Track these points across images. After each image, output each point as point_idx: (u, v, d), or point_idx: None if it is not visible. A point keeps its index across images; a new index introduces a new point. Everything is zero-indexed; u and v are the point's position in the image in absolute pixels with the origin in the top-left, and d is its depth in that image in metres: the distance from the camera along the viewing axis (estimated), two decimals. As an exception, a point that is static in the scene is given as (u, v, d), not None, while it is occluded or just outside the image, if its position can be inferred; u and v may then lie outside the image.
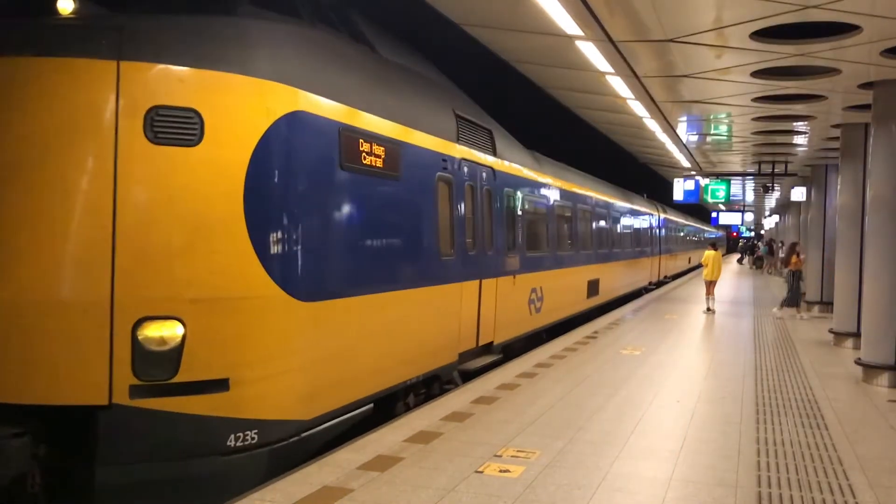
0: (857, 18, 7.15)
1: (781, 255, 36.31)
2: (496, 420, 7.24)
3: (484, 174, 10.12)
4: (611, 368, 10.15)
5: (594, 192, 18.32)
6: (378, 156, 7.11)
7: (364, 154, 6.88)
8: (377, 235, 7.25)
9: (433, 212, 8.35)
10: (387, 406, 7.67)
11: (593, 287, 17.41)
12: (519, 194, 11.83)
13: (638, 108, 12.61)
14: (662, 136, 16.08)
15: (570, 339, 13.00)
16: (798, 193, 23.47)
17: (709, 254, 18.89)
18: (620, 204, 21.82)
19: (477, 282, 9.68)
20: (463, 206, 9.25)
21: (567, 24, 7.53)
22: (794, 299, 18.04)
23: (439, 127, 8.69)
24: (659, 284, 29.05)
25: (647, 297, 23.22)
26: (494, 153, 10.66)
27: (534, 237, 12.96)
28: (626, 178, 27.48)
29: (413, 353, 7.99)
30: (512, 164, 11.55)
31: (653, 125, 14.53)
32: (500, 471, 5.69)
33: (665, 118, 13.48)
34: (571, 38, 8.14)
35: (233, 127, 5.68)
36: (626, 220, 22.58)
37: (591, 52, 8.72)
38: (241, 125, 5.72)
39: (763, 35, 7.75)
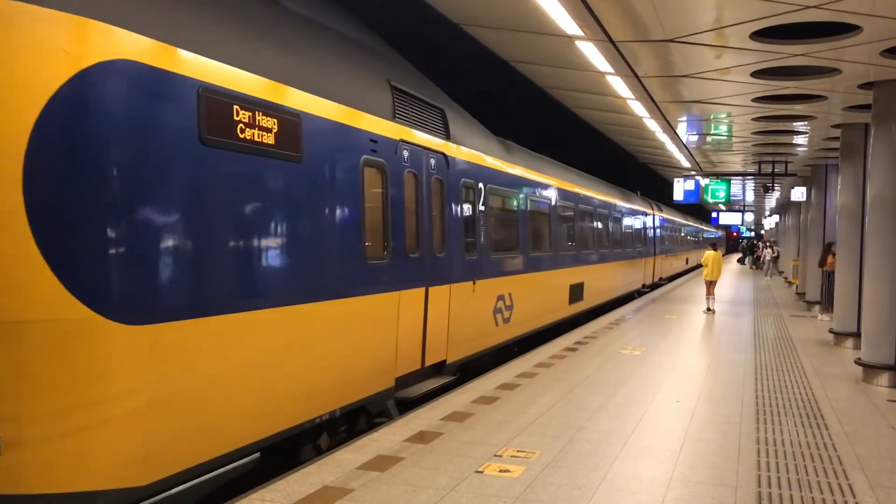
0: (857, 18, 7.15)
1: (768, 257, 36.42)
2: (496, 420, 7.24)
3: (433, 161, 8.53)
4: (611, 368, 10.15)
5: (578, 188, 16.76)
6: (267, 129, 5.55)
7: (242, 126, 5.31)
8: (261, 234, 5.61)
9: (355, 205, 6.72)
10: (289, 450, 6.40)
11: (576, 292, 15.89)
12: (481, 187, 10.17)
13: (638, 108, 12.61)
14: (662, 136, 16.09)
15: (570, 340, 13.00)
16: (798, 193, 23.47)
17: (709, 254, 18.89)
18: (609, 201, 20.27)
19: (422, 290, 8.13)
20: (402, 198, 7.68)
21: (567, 24, 7.54)
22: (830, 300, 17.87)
23: (366, 99, 7.09)
24: (653, 287, 27.77)
25: (646, 297, 23.17)
26: (448, 136, 9.07)
27: (501, 237, 11.42)
28: (627, 178, 27.42)
29: (324, 384, 6.34)
30: (472, 150, 9.96)
31: (653, 125, 14.53)
32: (500, 471, 5.69)
33: (665, 118, 13.48)
34: (571, 38, 8.15)
35: (8, 79, 4.07)
36: (615, 219, 20.99)
37: (591, 52, 8.72)
38: (22, 77, 4.09)
39: (763, 35, 7.75)
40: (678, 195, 21.95)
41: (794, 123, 13.63)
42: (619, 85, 10.65)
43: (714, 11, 7.21)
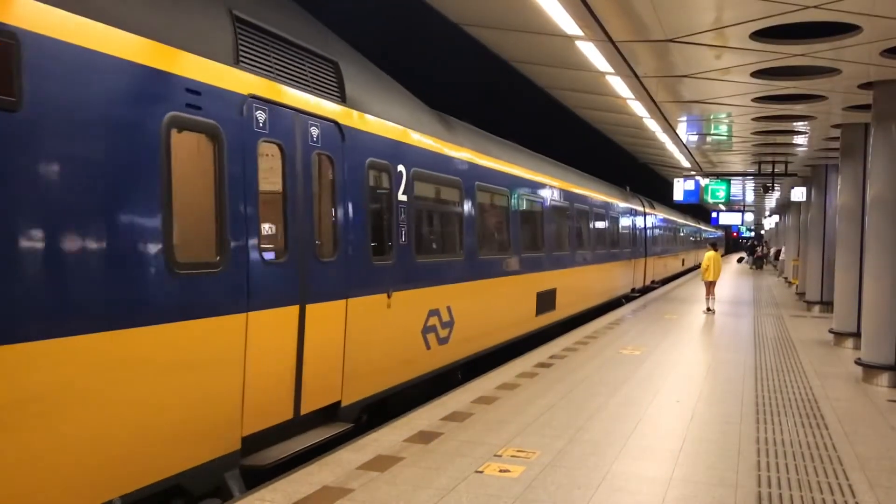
0: (857, 18, 7.15)
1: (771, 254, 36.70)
2: (496, 420, 7.24)
3: (316, 131, 6.43)
4: (611, 368, 10.14)
5: (550, 179, 14.59)
6: None
7: None
8: None
9: (150, 184, 4.66)
10: None
11: (546, 300, 13.66)
12: (402, 170, 8.02)
13: (638, 108, 12.61)
14: (662, 136, 16.09)
15: (570, 339, 13.00)
16: (798, 193, 23.48)
17: (709, 254, 18.89)
18: (591, 196, 18.14)
19: (293, 309, 6.03)
20: (253, 179, 5.58)
21: (567, 24, 7.54)
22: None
23: (178, 29, 5.03)
24: (645, 291, 25.50)
25: (646, 297, 23.12)
26: (343, 99, 6.93)
27: (436, 236, 9.52)
28: (627, 178, 27.28)
29: (92, 461, 4.32)
30: (387, 122, 7.82)
31: (653, 125, 14.53)
32: (500, 471, 5.69)
33: (665, 118, 13.48)
34: (571, 38, 8.15)
35: None
36: (598, 216, 18.82)
37: (591, 52, 8.72)
38: None
39: (763, 35, 7.75)
40: (678, 195, 21.95)
41: (794, 123, 13.63)
42: (619, 85, 10.65)
43: (714, 11, 7.21)
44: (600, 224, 19.19)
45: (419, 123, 8.82)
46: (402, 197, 8.09)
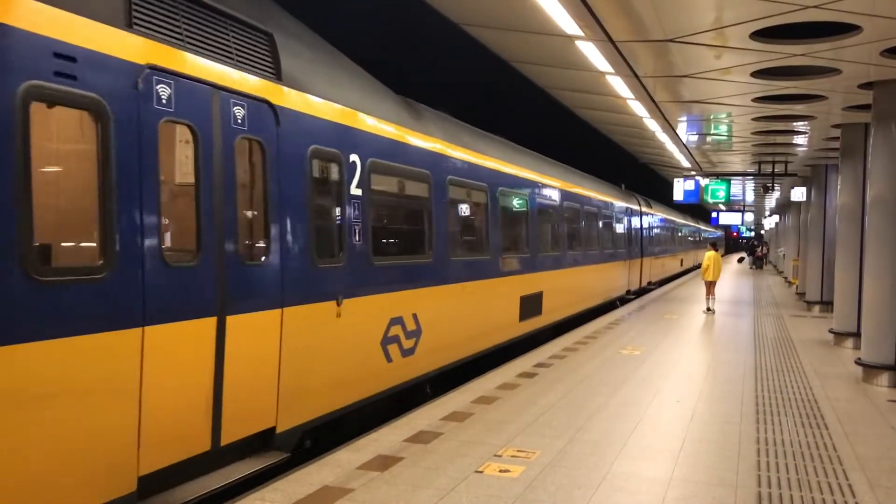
0: (857, 18, 7.15)
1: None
2: (496, 420, 7.24)
3: (240, 112, 5.49)
4: (611, 368, 10.14)
5: (535, 175, 13.48)
6: None
7: None
8: None
9: None
10: None
11: (532, 304, 12.71)
12: (356, 161, 7.04)
13: (638, 108, 12.61)
14: (662, 136, 16.09)
15: (570, 339, 13.00)
16: (798, 193, 23.50)
17: (709, 254, 18.89)
18: (582, 194, 17.09)
19: (208, 321, 5.12)
20: (153, 166, 4.72)
21: (567, 24, 7.54)
22: None
23: None
24: (641, 293, 24.65)
25: (646, 297, 23.12)
26: (278, 76, 5.99)
27: (398, 236, 8.67)
28: (627, 178, 27.21)
29: None
30: (336, 105, 6.81)
31: (653, 125, 14.53)
32: (500, 471, 5.69)
33: (665, 118, 13.48)
34: (571, 38, 8.15)
35: None
36: (589, 215, 17.80)
37: (591, 52, 8.72)
38: None
39: (763, 35, 7.75)
40: (678, 195, 21.96)
41: (794, 123, 13.64)
42: (619, 85, 10.66)
43: (714, 11, 7.21)
44: (592, 223, 18.20)
45: (379, 108, 7.78)
46: (355, 191, 7.07)
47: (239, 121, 5.51)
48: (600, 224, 19.08)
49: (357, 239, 7.12)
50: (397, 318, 7.91)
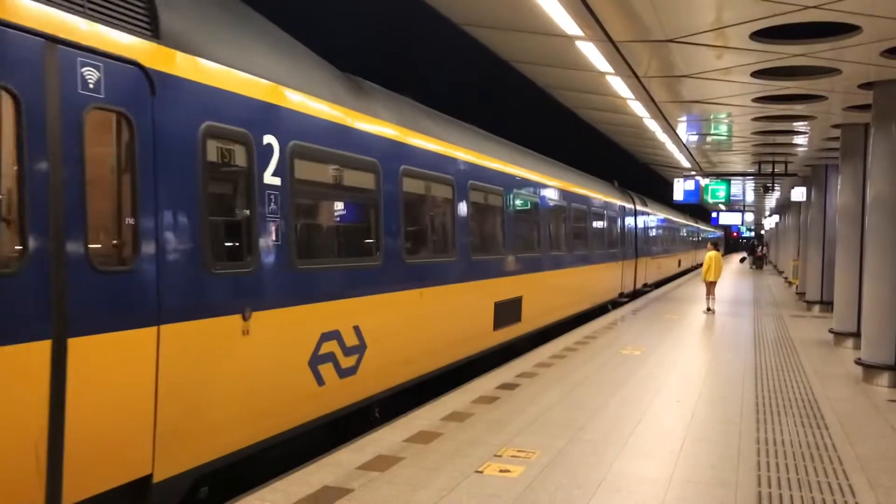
0: (857, 18, 7.16)
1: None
2: (496, 420, 7.24)
3: (93, 75, 4.37)
4: (611, 368, 10.15)
5: (515, 168, 12.27)
6: None
7: None
8: None
9: None
10: None
11: (509, 310, 11.52)
12: (273, 144, 5.83)
13: (638, 108, 12.62)
14: (662, 136, 16.10)
15: (570, 339, 13.00)
16: (798, 193, 23.50)
17: (710, 254, 18.89)
18: (567, 190, 15.69)
19: (39, 345, 4.03)
20: None
21: (567, 24, 7.54)
22: None
23: None
24: (634, 295, 23.38)
25: (646, 297, 23.10)
26: (155, 34, 4.84)
27: (333, 235, 7.51)
28: (627, 178, 27.20)
29: None
30: (242, 74, 5.58)
31: (653, 125, 14.54)
32: (500, 471, 5.69)
33: (665, 118, 13.48)
34: (571, 38, 8.15)
35: None
36: (579, 213, 16.62)
37: (591, 53, 8.73)
38: None
39: (763, 35, 7.76)
40: (678, 195, 21.97)
41: (794, 123, 13.64)
42: (619, 85, 10.66)
43: (714, 11, 7.22)
44: (580, 222, 16.93)
45: (308, 83, 6.53)
46: (271, 180, 5.84)
47: (91, 86, 4.34)
48: (590, 222, 17.76)
49: (273, 239, 5.86)
50: (332, 332, 6.66)
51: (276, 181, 5.93)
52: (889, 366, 9.50)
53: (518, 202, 12.36)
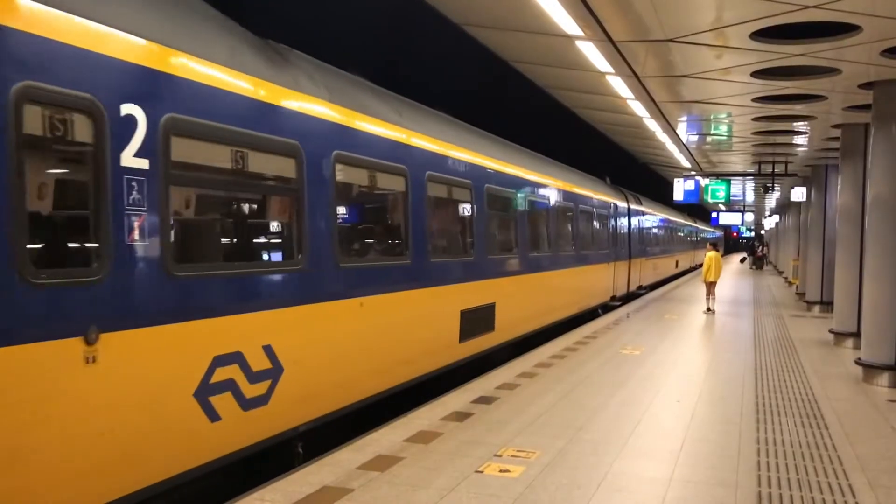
0: (857, 18, 7.16)
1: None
2: (496, 420, 7.24)
3: None
4: (611, 368, 10.14)
5: (485, 160, 10.85)
6: None
7: None
8: None
9: None
10: None
11: (478, 319, 10.22)
12: (136, 116, 4.69)
13: (638, 108, 12.62)
14: (662, 136, 16.10)
15: (570, 339, 13.00)
16: (798, 193, 23.51)
17: (709, 255, 18.89)
18: (550, 184, 14.35)
19: None
20: None
21: (567, 24, 7.54)
22: None
23: None
24: (627, 298, 21.94)
25: (646, 297, 23.06)
26: None
27: (229, 232, 6.23)
28: (627, 178, 27.20)
29: None
30: (91, 23, 4.38)
31: (653, 125, 14.54)
32: (500, 471, 5.69)
33: (665, 118, 13.48)
34: (571, 38, 8.15)
35: None
36: (563, 211, 15.29)
37: (591, 52, 8.73)
38: None
39: (763, 35, 7.76)
40: (678, 195, 21.97)
41: (794, 123, 13.64)
42: (619, 85, 10.66)
43: (714, 11, 7.22)
44: (566, 220, 15.67)
45: (195, 43, 5.28)
46: (134, 162, 4.62)
47: None
48: (576, 221, 16.39)
49: (136, 237, 4.65)
50: (231, 354, 5.38)
51: (142, 164, 4.67)
52: (889, 366, 9.50)
53: (490, 198, 10.91)
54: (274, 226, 6.60)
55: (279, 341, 5.92)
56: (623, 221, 22.08)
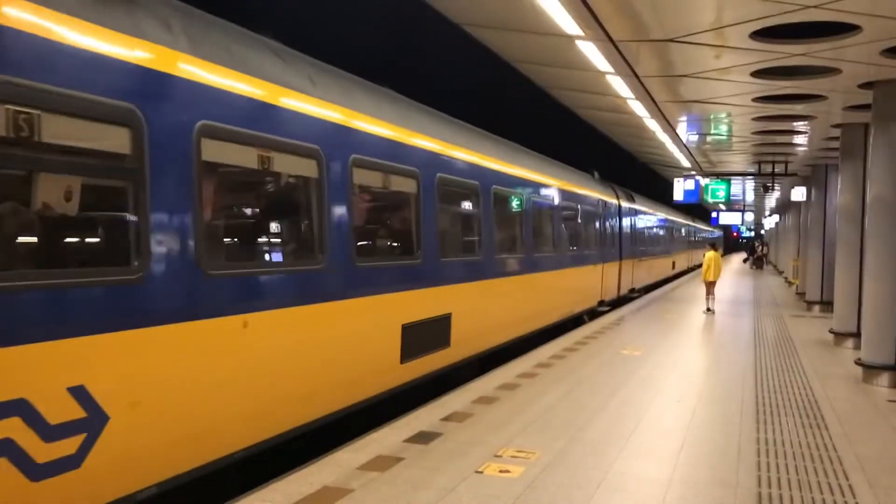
0: (857, 18, 7.15)
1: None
2: (496, 420, 7.24)
3: None
4: (611, 368, 10.14)
5: (436, 144, 8.97)
6: None
7: None
8: None
9: None
10: None
11: (427, 334, 8.56)
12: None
13: (638, 108, 12.62)
14: (662, 136, 16.10)
15: (570, 340, 12.99)
16: (798, 193, 23.51)
17: (709, 255, 18.89)
18: (524, 178, 12.54)
19: None
20: None
21: (567, 24, 7.54)
22: None
23: None
24: (618, 302, 20.33)
25: (646, 297, 23.03)
26: None
27: (29, 228, 4.16)
28: (627, 178, 27.17)
29: None
30: None
31: (653, 125, 14.54)
32: (500, 471, 5.69)
33: (665, 118, 13.49)
34: (571, 38, 8.15)
35: None
36: (541, 208, 13.65)
37: (592, 52, 8.73)
38: None
39: (763, 35, 7.76)
40: (678, 195, 21.97)
41: (794, 123, 13.64)
42: (619, 85, 10.66)
43: (714, 11, 7.22)
44: (543, 218, 13.93)
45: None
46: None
47: None
48: (556, 219, 14.64)
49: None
50: (9, 403, 3.70)
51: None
52: (889, 366, 9.50)
53: (444, 191, 9.17)
54: (101, 221, 4.72)
55: (104, 380, 4.24)
56: (613, 220, 20.51)
